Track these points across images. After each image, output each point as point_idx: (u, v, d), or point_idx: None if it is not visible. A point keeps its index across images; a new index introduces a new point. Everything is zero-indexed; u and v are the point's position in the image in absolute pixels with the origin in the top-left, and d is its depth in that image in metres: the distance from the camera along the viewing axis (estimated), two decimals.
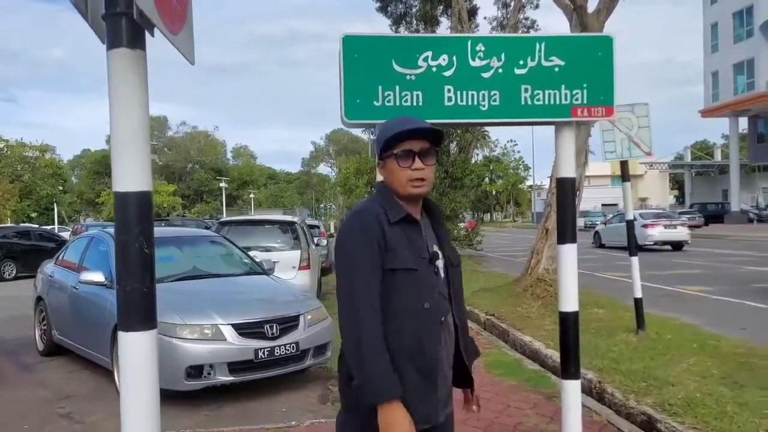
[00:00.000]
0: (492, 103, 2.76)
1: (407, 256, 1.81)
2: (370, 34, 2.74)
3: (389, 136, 1.87)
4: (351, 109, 2.68)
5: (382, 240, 1.79)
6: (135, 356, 1.48)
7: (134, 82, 1.45)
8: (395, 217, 1.84)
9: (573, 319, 2.86)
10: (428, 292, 1.84)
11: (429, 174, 1.89)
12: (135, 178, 1.45)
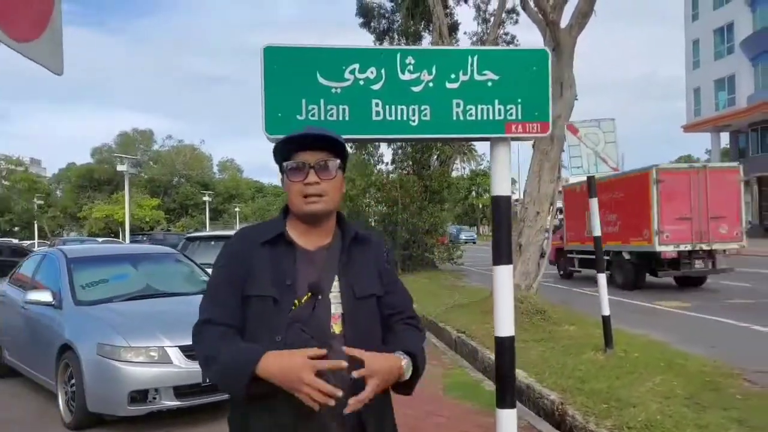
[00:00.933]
0: (422, 118, 2.64)
1: (264, 281, 1.61)
2: (293, 44, 2.61)
3: (280, 147, 1.69)
4: (272, 124, 2.56)
5: (245, 263, 1.65)
6: None
7: None
8: (263, 238, 1.67)
9: (508, 345, 2.73)
10: (283, 325, 1.58)
11: (328, 189, 1.66)
12: None
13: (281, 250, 1.66)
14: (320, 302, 1.61)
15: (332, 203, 1.69)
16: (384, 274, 1.76)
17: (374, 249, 1.78)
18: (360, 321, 1.65)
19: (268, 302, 1.59)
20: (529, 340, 7.53)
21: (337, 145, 1.70)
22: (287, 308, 1.59)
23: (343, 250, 1.70)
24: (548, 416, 5.17)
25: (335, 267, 1.67)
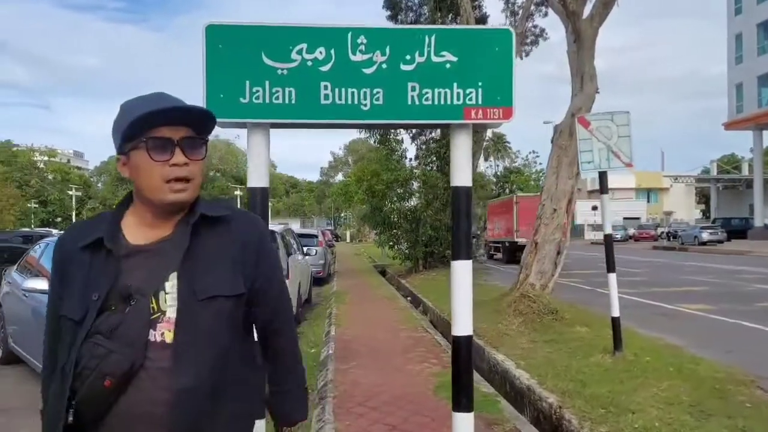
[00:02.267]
0: (375, 102, 2.49)
1: (72, 298, 1.36)
2: (237, 22, 2.48)
3: (136, 117, 1.35)
4: (214, 106, 2.43)
5: (60, 276, 1.42)
6: None
7: None
8: (83, 241, 1.40)
9: (465, 344, 2.56)
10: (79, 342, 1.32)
11: (196, 172, 1.40)
12: None
13: (101, 256, 1.38)
14: (134, 308, 1.33)
15: (197, 191, 1.43)
16: (250, 265, 1.46)
17: (235, 233, 1.46)
18: (199, 327, 1.36)
19: (69, 324, 1.35)
20: (537, 341, 7.30)
21: (206, 119, 1.45)
22: (90, 323, 1.33)
23: (185, 239, 1.40)
24: (546, 419, 4.97)
25: (172, 262, 1.37)
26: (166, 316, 1.35)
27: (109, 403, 1.30)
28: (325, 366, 6.52)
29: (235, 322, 1.44)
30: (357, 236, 61.15)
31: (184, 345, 1.34)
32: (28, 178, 36.00)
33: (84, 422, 1.31)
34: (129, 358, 1.29)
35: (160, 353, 1.32)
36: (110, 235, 1.40)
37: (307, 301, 11.75)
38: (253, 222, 1.54)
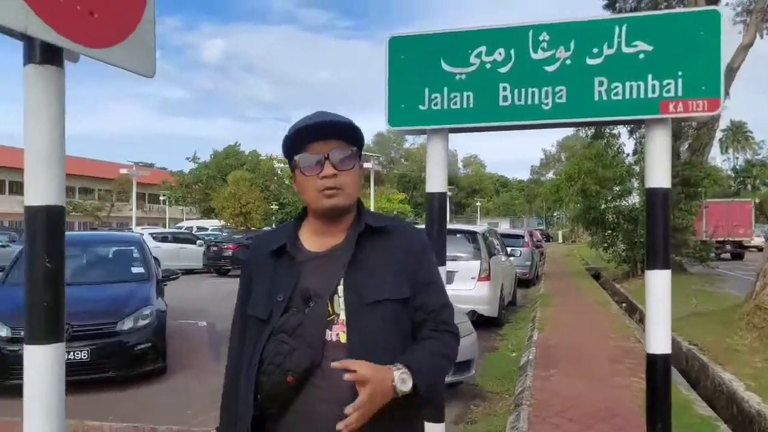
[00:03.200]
0: (557, 101, 2.37)
1: (259, 299, 1.50)
2: (417, 32, 2.54)
3: (288, 135, 1.50)
4: (395, 115, 2.53)
5: (248, 279, 1.58)
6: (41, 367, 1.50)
7: (47, 98, 1.49)
8: (270, 248, 1.54)
9: (662, 364, 2.30)
10: (264, 340, 1.45)
11: (347, 181, 1.48)
12: (44, 194, 1.48)
13: (284, 261, 1.52)
14: (313, 309, 1.44)
15: (351, 198, 1.52)
16: (412, 272, 1.51)
17: (397, 242, 1.53)
18: (367, 329, 1.43)
19: (256, 322, 1.50)
20: None
21: (352, 131, 1.51)
22: (274, 323, 1.46)
23: (351, 247, 1.50)
24: None
25: (342, 268, 1.47)
26: (339, 318, 1.44)
27: (290, 399, 1.41)
28: (525, 372, 6.36)
29: (403, 326, 1.49)
30: (570, 237, 58.51)
31: (356, 345, 1.41)
32: (269, 183, 41.00)
33: (267, 416, 1.44)
34: (309, 356, 1.40)
35: (336, 353, 1.40)
36: (291, 242, 1.54)
37: (511, 303, 11.57)
38: (415, 233, 1.60)
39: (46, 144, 1.49)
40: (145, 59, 1.78)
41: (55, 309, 1.56)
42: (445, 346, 1.52)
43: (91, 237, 10.17)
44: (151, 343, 6.34)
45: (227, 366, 1.60)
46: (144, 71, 1.78)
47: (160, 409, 5.28)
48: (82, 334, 5.88)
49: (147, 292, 6.93)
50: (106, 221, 50.71)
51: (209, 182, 48.23)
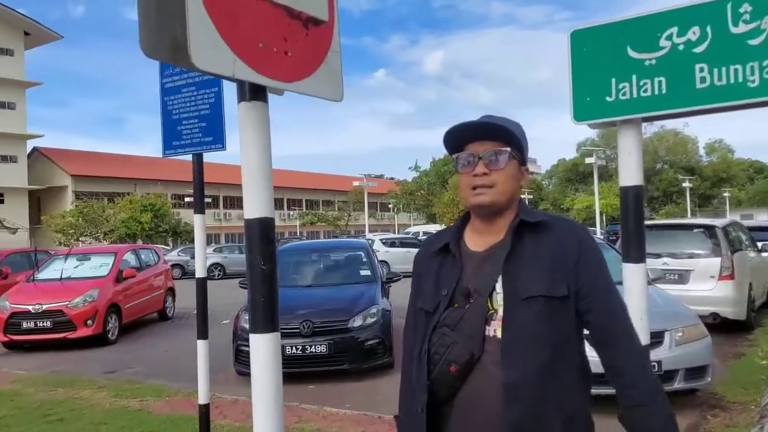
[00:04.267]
0: (765, 77, 2.11)
1: (427, 294, 1.63)
2: (600, 22, 2.45)
3: (444, 137, 1.64)
4: (580, 109, 2.48)
5: (418, 276, 1.72)
6: (260, 354, 1.82)
7: (256, 129, 1.82)
8: (435, 247, 1.68)
9: None
10: (429, 331, 1.58)
11: (498, 180, 1.55)
12: (258, 208, 1.81)
13: (448, 259, 1.63)
14: (473, 305, 1.53)
15: (502, 195, 1.56)
16: (570, 270, 1.50)
17: (555, 238, 1.54)
18: (520, 324, 1.47)
19: (422, 314, 1.62)
20: None
21: (508, 133, 1.57)
22: (438, 316, 1.57)
23: (508, 243, 1.55)
24: None
25: (499, 266, 1.53)
26: (498, 314, 1.51)
27: (456, 387, 1.52)
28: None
29: (561, 325, 1.50)
30: None
31: (511, 341, 1.47)
32: None
33: (438, 401, 1.57)
34: (469, 349, 1.49)
35: (494, 347, 1.48)
36: (454, 241, 1.65)
37: (765, 305, 10.06)
38: (572, 228, 1.59)
39: (257, 167, 1.79)
40: (335, 86, 2.02)
41: (270, 304, 1.82)
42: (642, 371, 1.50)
43: (326, 244, 11.33)
44: (379, 339, 6.87)
45: (403, 355, 1.75)
46: (333, 97, 2.02)
47: (389, 400, 5.70)
48: (322, 330, 6.63)
49: (374, 293, 7.53)
50: (345, 229, 55.62)
51: (430, 189, 50.09)
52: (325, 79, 1.98)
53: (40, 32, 44.44)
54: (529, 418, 1.44)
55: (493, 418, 1.46)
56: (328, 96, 1.99)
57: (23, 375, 7.39)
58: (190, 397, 5.86)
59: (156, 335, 10.79)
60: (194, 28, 1.60)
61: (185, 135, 3.78)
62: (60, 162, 46.97)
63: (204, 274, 3.97)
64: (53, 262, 11.34)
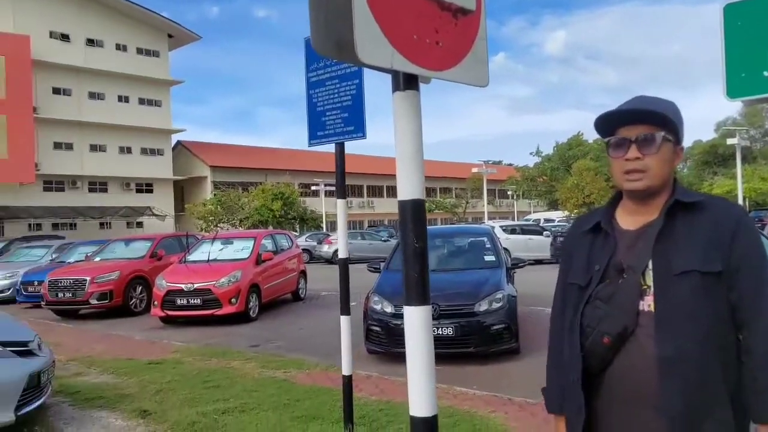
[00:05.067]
0: None
1: (578, 269, 1.70)
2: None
3: (596, 121, 1.66)
4: (734, 85, 2.40)
5: (568, 253, 1.78)
6: (413, 324, 1.99)
7: (409, 116, 1.98)
8: (586, 226, 1.74)
9: None
10: (582, 303, 1.65)
11: (651, 164, 1.57)
12: (411, 190, 1.98)
13: (600, 237, 1.68)
14: (626, 280, 1.58)
15: (656, 179, 1.59)
16: (725, 247, 1.51)
17: (710, 216, 1.55)
18: (674, 299, 1.51)
19: (574, 288, 1.69)
20: None
21: (660, 116, 1.57)
22: (591, 290, 1.64)
23: (660, 221, 1.58)
24: None
25: (652, 243, 1.57)
26: (650, 290, 1.56)
27: (608, 359, 1.58)
28: None
29: (715, 301, 1.52)
30: None
31: (664, 315, 1.52)
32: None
33: (590, 372, 1.64)
34: (621, 321, 1.56)
35: (648, 321, 1.54)
36: (606, 220, 1.71)
37: None
38: (729, 207, 1.60)
39: (410, 152, 1.94)
40: (481, 72, 2.12)
41: (422, 279, 1.97)
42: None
43: (450, 230, 11.46)
44: (504, 324, 6.89)
45: (551, 330, 1.84)
46: (479, 82, 2.13)
47: (516, 384, 5.76)
48: (448, 312, 6.78)
49: (498, 278, 7.55)
50: (463, 217, 55.41)
51: (553, 174, 48.48)
52: (472, 66, 2.09)
53: (181, 34, 48.14)
54: (691, 391, 1.48)
55: (644, 390, 1.52)
56: (474, 82, 2.10)
57: (181, 346, 8.26)
58: (327, 371, 6.27)
59: (292, 314, 11.54)
60: (359, 26, 1.78)
61: (328, 125, 4.05)
62: (200, 154, 50.85)
63: (346, 255, 4.25)
64: (201, 245, 12.47)
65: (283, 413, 4.75)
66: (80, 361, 7.29)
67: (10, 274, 15.25)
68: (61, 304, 12.23)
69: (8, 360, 4.45)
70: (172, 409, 5.02)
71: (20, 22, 38.34)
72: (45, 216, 39.05)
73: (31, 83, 38.19)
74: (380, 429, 4.24)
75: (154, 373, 6.49)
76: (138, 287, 12.49)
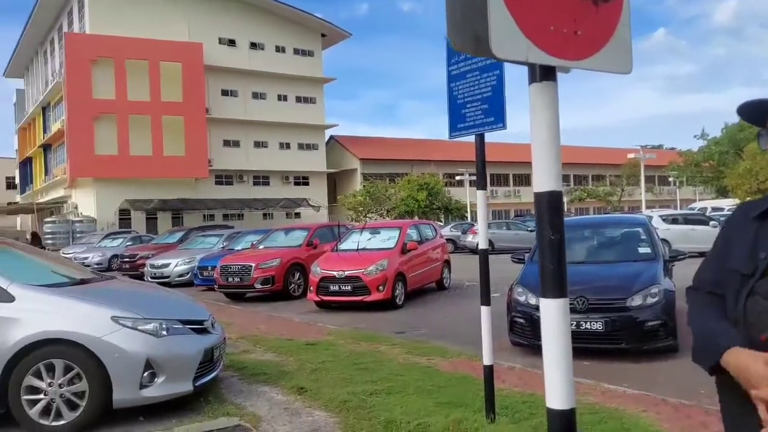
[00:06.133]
0: None
1: (741, 256, 1.59)
2: None
3: (739, 112, 1.60)
4: None
5: (730, 237, 1.68)
6: (550, 317, 2.01)
7: (546, 107, 2.00)
8: (754, 212, 1.62)
9: None
10: (743, 296, 1.53)
11: None
12: (547, 182, 1.99)
13: (766, 225, 1.58)
14: None
15: None
16: None
17: None
18: None
19: (736, 276, 1.59)
20: None
21: None
22: (754, 281, 1.54)
23: None
24: None
25: None
26: None
27: None
28: None
29: None
30: None
31: None
32: None
33: None
34: None
35: None
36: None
37: None
38: None
39: (546, 143, 1.95)
40: (623, 59, 2.06)
41: (559, 272, 1.96)
42: None
43: (601, 220, 10.94)
44: (660, 320, 6.48)
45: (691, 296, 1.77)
46: (622, 69, 2.07)
47: (672, 383, 5.41)
48: (597, 306, 6.52)
49: (654, 272, 7.10)
50: (618, 206, 52.27)
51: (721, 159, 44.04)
52: (613, 53, 2.04)
53: (333, 32, 50.35)
54: None
55: None
56: (616, 69, 2.05)
57: (334, 329, 8.79)
58: (471, 360, 6.34)
59: (436, 303, 11.76)
60: (494, 21, 1.82)
61: (468, 117, 4.10)
62: (351, 147, 53.01)
63: (486, 246, 4.28)
64: (351, 235, 13.11)
65: (427, 398, 4.91)
66: (248, 340, 8.04)
67: (189, 260, 17.11)
68: (231, 288, 13.54)
69: (187, 336, 5.06)
70: (325, 388, 5.39)
71: (194, 31, 42.47)
72: (217, 207, 43.09)
73: (203, 87, 42.26)
74: (523, 420, 4.23)
75: (311, 353, 6.99)
76: (296, 273, 13.46)
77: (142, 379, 4.58)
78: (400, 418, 4.40)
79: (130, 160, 38.92)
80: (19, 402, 4.43)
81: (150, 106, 39.87)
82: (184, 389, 4.85)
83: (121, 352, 4.51)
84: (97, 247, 26.45)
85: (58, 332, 4.49)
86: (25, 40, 49.25)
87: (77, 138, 38.06)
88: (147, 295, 6.16)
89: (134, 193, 39.77)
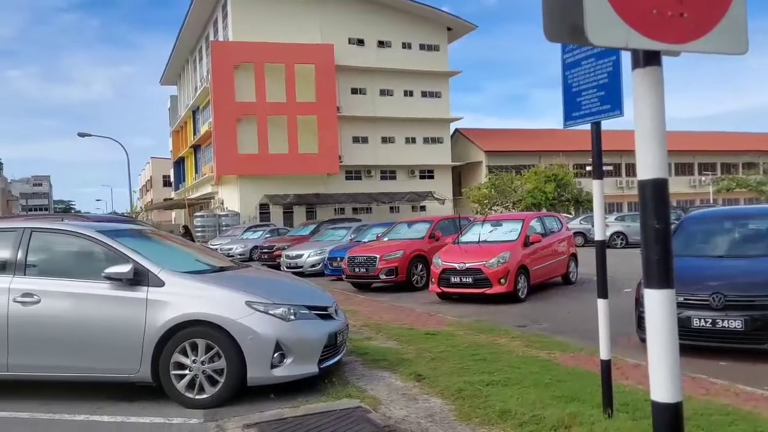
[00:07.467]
0: None
1: None
2: None
3: None
4: None
5: None
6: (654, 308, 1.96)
7: (650, 93, 1.96)
8: None
9: None
10: None
11: None
12: (651, 169, 1.94)
13: None
14: None
15: None
16: None
17: None
18: None
19: None
20: None
21: None
22: None
23: None
24: None
25: None
26: None
27: None
28: None
29: None
30: None
31: None
32: None
33: None
34: None
35: None
36: None
37: None
38: None
39: (650, 130, 1.90)
40: (737, 39, 1.94)
41: (664, 261, 1.90)
42: None
43: (746, 211, 10.03)
44: None
45: None
46: (735, 50, 1.96)
47: None
48: (737, 304, 6.04)
49: None
50: None
51: None
52: (725, 34, 1.95)
53: (459, 25, 50.05)
54: None
55: None
56: (729, 51, 1.95)
57: (454, 320, 8.86)
58: (592, 356, 6.11)
59: (561, 297, 11.42)
60: (590, 9, 1.82)
61: (584, 105, 3.98)
62: (476, 140, 52.48)
63: (602, 237, 4.15)
64: (472, 227, 13.09)
65: (543, 391, 4.84)
66: (371, 327, 8.35)
67: (320, 251, 17.98)
68: (357, 278, 14.08)
69: (313, 321, 5.39)
70: (442, 376, 5.49)
71: (325, 33, 44.24)
72: (347, 201, 44.75)
73: (335, 86, 43.96)
74: (643, 418, 4.04)
75: (430, 342, 7.12)
76: (419, 265, 13.69)
77: (272, 359, 4.97)
78: (515, 408, 4.39)
79: (269, 158, 41.57)
80: (169, 376, 4.98)
81: (286, 106, 42.27)
82: (310, 371, 5.18)
83: (254, 334, 4.92)
84: (240, 239, 28.60)
85: (200, 314, 4.99)
86: (177, 50, 54.12)
87: (222, 138, 41.29)
88: (276, 282, 6.63)
89: (273, 188, 42.46)
